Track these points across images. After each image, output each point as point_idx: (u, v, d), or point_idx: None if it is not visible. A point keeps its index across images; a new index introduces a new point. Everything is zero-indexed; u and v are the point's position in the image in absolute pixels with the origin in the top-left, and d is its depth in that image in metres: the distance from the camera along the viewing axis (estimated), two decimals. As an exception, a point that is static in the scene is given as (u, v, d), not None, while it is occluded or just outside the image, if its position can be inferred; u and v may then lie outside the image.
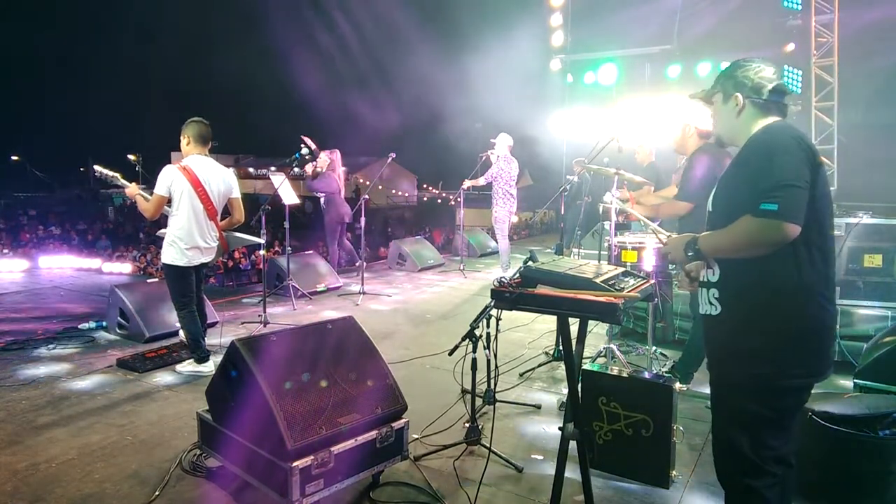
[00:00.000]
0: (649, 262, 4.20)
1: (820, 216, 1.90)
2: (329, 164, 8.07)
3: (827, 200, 1.93)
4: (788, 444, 2.00)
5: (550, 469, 2.88)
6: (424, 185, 44.10)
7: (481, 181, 8.33)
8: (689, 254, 2.05)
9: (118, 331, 5.43)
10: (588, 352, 4.76)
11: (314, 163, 7.80)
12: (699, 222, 2.40)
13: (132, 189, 4.52)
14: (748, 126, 2.05)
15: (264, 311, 5.80)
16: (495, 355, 3.38)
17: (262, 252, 6.16)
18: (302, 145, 6.82)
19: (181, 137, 4.43)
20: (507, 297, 2.24)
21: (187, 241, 4.33)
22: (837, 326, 4.51)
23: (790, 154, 1.84)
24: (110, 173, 4.75)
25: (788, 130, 1.93)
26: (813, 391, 2.04)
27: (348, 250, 8.92)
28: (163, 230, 4.55)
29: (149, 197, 4.38)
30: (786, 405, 1.97)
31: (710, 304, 2.05)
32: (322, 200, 8.20)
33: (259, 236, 5.52)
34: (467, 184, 8.45)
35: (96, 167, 4.79)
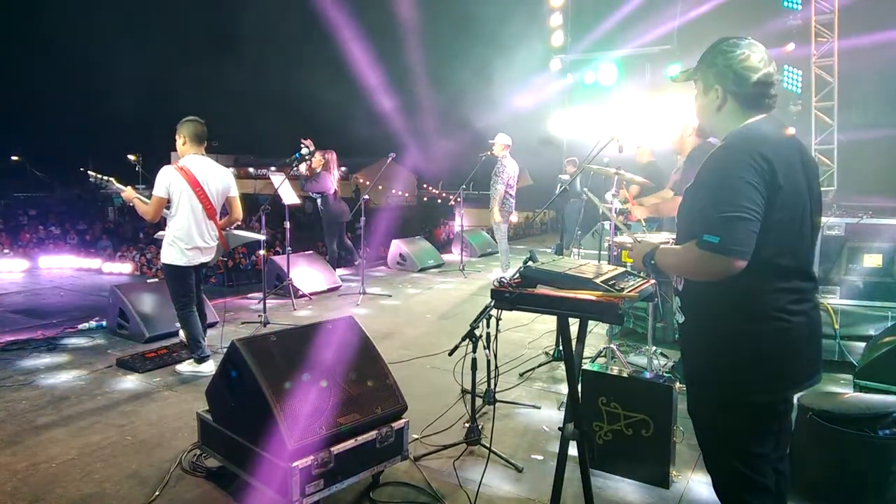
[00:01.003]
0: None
1: (780, 237, 1.77)
2: (324, 164, 8.07)
3: (793, 223, 1.80)
4: (778, 449, 1.94)
5: (550, 469, 2.87)
6: (424, 185, 44.08)
7: (503, 185, 7.95)
8: (647, 267, 2.04)
9: (118, 331, 5.43)
10: (588, 352, 4.76)
11: (308, 162, 7.79)
12: None
13: (129, 193, 4.51)
14: (729, 123, 1.91)
15: (264, 311, 5.81)
16: (495, 355, 3.38)
17: (262, 252, 6.16)
18: (301, 145, 6.82)
19: (177, 137, 4.41)
20: (507, 297, 2.24)
21: (187, 240, 4.33)
22: (837, 326, 4.53)
23: (742, 179, 1.71)
24: (104, 178, 4.73)
25: (749, 146, 1.77)
26: (813, 391, 2.01)
27: (349, 249, 8.92)
28: (161, 232, 4.54)
29: (147, 200, 4.37)
30: (760, 420, 1.87)
31: (678, 311, 2.03)
32: (319, 201, 8.21)
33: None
34: (498, 217, 8.08)
35: (90, 172, 4.78)
